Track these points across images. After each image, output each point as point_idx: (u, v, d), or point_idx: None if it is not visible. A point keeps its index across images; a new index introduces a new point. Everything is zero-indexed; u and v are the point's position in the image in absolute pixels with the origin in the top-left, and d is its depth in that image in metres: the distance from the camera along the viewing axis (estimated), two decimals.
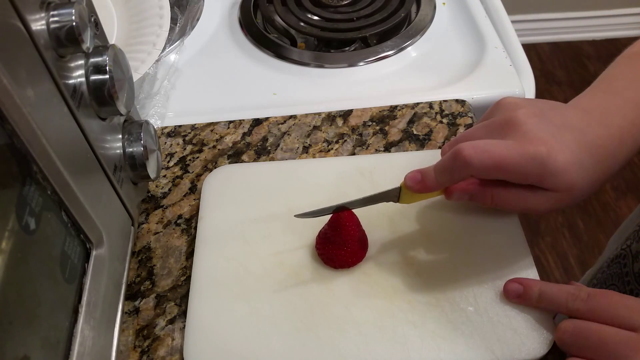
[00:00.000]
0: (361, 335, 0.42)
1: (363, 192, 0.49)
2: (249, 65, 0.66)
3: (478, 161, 0.39)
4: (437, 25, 0.69)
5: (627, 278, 0.58)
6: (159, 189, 0.54)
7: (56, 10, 0.33)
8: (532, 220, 1.59)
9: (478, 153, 0.39)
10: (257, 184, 0.52)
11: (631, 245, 0.58)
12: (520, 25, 1.99)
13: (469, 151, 0.39)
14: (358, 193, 0.48)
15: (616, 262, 0.60)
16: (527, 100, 0.43)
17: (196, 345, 0.42)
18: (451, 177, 0.41)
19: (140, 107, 0.60)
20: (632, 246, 0.58)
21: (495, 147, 0.39)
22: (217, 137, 0.58)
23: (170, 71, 0.64)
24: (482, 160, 0.39)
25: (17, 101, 0.29)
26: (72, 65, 0.36)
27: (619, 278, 0.59)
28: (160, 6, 0.62)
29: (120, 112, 0.40)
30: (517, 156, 0.39)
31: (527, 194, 0.42)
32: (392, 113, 0.59)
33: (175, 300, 0.47)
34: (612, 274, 0.61)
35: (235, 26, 0.71)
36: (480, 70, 0.62)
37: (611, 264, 0.62)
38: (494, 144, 0.40)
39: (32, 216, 0.30)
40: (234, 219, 0.49)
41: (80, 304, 0.35)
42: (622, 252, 0.59)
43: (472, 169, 0.40)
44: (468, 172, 0.40)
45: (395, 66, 0.64)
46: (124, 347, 0.44)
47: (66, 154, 0.34)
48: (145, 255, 0.50)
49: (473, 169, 0.40)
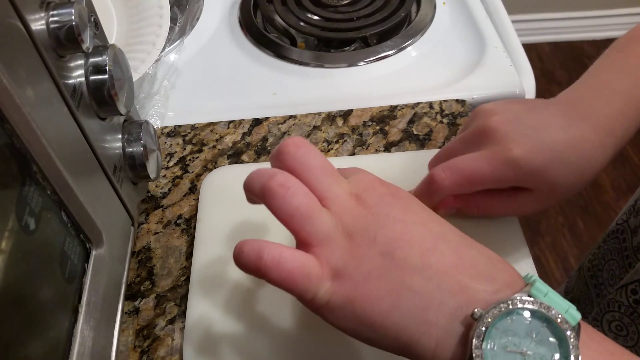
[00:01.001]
0: None
1: None
2: (249, 65, 0.66)
3: (450, 182, 0.40)
4: (437, 25, 0.69)
5: (626, 252, 0.58)
6: (159, 189, 0.54)
7: (56, 10, 0.33)
8: (532, 220, 1.58)
9: (449, 174, 0.40)
10: None
11: (628, 221, 0.58)
12: (521, 25, 1.99)
13: (440, 175, 0.40)
14: None
15: (613, 237, 0.61)
16: (503, 104, 0.42)
17: (196, 346, 0.42)
18: (430, 201, 0.42)
19: (140, 107, 0.60)
20: (629, 221, 0.58)
21: (465, 163, 0.40)
22: (217, 137, 0.58)
23: (170, 71, 0.64)
24: (454, 180, 0.40)
25: (17, 101, 0.29)
26: (71, 65, 0.36)
27: (617, 253, 0.60)
28: (160, 6, 0.62)
29: (120, 112, 0.40)
30: (487, 166, 0.39)
31: (511, 198, 0.41)
32: (392, 113, 0.59)
33: (175, 300, 0.47)
34: (610, 249, 0.61)
35: (235, 26, 0.71)
36: (481, 70, 0.62)
37: (607, 239, 0.62)
38: (464, 160, 0.40)
39: (31, 216, 0.30)
40: (232, 220, 0.49)
41: (80, 304, 0.35)
42: (619, 227, 0.60)
43: (447, 190, 0.40)
44: (444, 193, 0.41)
45: (395, 66, 0.64)
46: (123, 347, 0.44)
47: (66, 154, 0.34)
48: (145, 256, 0.50)
49: (448, 190, 0.40)
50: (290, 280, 0.31)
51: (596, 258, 0.65)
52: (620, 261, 0.59)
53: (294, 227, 0.32)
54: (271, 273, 0.31)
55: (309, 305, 0.32)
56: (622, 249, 0.59)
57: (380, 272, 0.30)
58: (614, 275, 0.60)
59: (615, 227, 0.61)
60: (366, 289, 0.30)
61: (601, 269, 0.63)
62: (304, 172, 0.34)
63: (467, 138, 0.42)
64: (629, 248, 0.57)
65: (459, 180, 0.40)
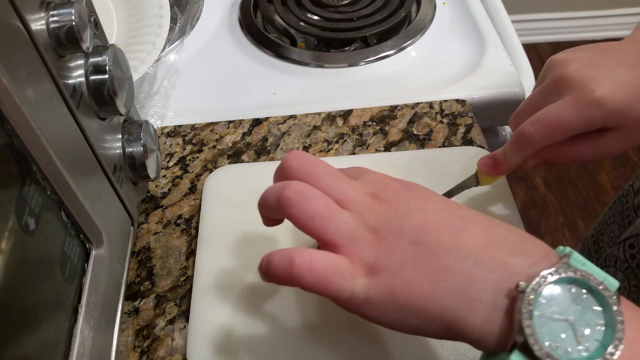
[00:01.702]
0: (366, 333, 0.42)
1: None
2: (249, 65, 0.66)
3: (541, 135, 0.40)
4: (437, 25, 0.69)
5: (627, 212, 0.59)
6: (159, 189, 0.54)
7: (56, 10, 0.33)
8: (532, 220, 1.59)
9: (538, 128, 0.40)
10: (259, 184, 0.51)
11: (634, 184, 0.59)
12: (521, 25, 1.99)
13: (529, 130, 0.40)
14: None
15: (618, 202, 0.62)
16: (575, 52, 0.43)
17: (200, 347, 0.42)
18: (522, 156, 0.42)
19: (140, 107, 0.60)
20: (635, 184, 0.59)
21: (551, 114, 0.40)
22: (217, 137, 0.58)
23: (170, 71, 0.64)
24: (544, 132, 0.40)
25: (17, 101, 0.29)
26: (71, 65, 0.36)
27: (619, 215, 0.60)
28: (160, 6, 0.62)
29: (120, 112, 0.40)
30: (574, 111, 0.39)
31: (597, 140, 0.42)
32: (392, 113, 0.59)
33: (175, 300, 0.47)
34: (614, 212, 0.62)
35: (235, 26, 0.71)
36: (481, 70, 0.62)
37: (613, 205, 0.63)
38: (549, 111, 0.40)
39: (31, 216, 0.30)
40: (235, 219, 0.49)
41: (80, 304, 0.35)
42: (625, 191, 0.61)
43: (538, 144, 0.41)
44: (535, 147, 0.41)
45: (395, 66, 0.64)
46: (123, 347, 0.44)
47: (66, 154, 0.34)
48: (145, 256, 0.50)
49: (540, 143, 0.41)
50: (325, 281, 0.31)
51: (600, 224, 0.65)
52: (620, 222, 0.59)
53: (316, 229, 0.32)
54: (305, 277, 0.31)
55: (347, 305, 0.32)
56: (623, 210, 0.59)
57: (415, 259, 0.30)
58: (614, 237, 0.61)
59: (620, 194, 0.61)
60: (404, 276, 0.30)
61: (603, 232, 0.64)
62: (313, 180, 0.34)
63: (547, 89, 0.42)
64: (630, 208, 0.58)
65: (549, 131, 0.40)
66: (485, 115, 0.61)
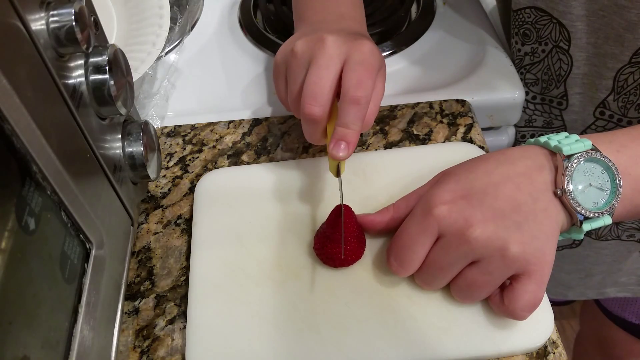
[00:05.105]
0: (363, 332, 0.42)
1: (360, 192, 0.50)
2: (249, 65, 0.66)
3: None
4: (437, 25, 0.69)
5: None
6: (159, 189, 0.54)
7: (56, 10, 0.33)
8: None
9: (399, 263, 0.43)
10: (250, 186, 0.51)
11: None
12: None
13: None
14: (353, 192, 0.49)
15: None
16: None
17: (198, 349, 0.42)
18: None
19: (140, 107, 0.60)
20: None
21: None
22: (217, 137, 0.58)
23: (170, 71, 0.64)
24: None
25: (17, 101, 0.29)
26: (71, 65, 0.36)
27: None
28: (160, 6, 0.62)
29: (120, 112, 0.40)
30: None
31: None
32: (392, 113, 0.59)
33: (175, 300, 0.47)
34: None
35: (235, 26, 0.71)
36: (480, 70, 0.62)
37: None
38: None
39: (31, 216, 0.30)
40: (228, 222, 0.49)
41: (80, 304, 0.35)
42: None
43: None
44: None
45: (395, 66, 0.64)
46: (123, 347, 0.44)
47: (66, 154, 0.34)
48: (145, 256, 0.50)
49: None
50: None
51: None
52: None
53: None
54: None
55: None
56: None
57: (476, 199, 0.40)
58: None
59: None
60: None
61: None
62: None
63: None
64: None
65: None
66: (485, 115, 0.61)
